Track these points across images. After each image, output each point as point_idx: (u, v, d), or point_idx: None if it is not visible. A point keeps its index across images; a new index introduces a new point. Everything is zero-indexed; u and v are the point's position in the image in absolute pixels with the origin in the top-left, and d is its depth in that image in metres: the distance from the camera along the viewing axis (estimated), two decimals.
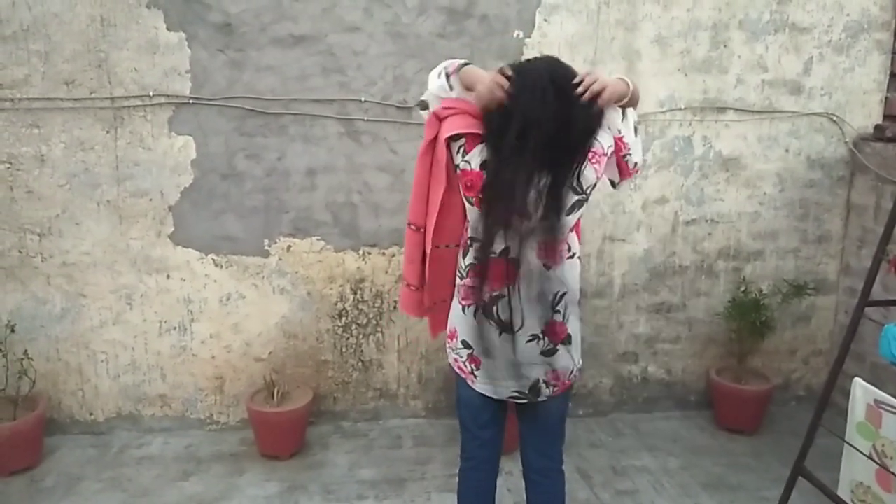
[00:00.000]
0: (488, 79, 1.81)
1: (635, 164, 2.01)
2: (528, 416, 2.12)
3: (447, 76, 1.94)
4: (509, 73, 1.80)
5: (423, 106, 2.03)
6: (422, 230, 2.05)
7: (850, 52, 3.57)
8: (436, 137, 1.92)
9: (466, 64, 1.93)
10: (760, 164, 3.64)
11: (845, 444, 2.39)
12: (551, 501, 2.18)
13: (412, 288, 2.15)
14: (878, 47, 3.58)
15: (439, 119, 1.92)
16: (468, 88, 1.89)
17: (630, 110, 1.97)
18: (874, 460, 2.26)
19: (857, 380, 2.37)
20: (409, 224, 2.08)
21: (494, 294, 1.93)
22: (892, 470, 2.19)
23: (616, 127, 1.94)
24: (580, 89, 1.77)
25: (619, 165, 1.99)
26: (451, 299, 2.09)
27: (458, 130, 1.87)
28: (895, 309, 3.05)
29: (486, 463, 2.21)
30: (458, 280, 2.04)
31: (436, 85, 1.96)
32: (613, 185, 2.11)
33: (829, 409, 2.44)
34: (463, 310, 2.01)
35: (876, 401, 2.27)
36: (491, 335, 1.97)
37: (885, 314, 3.03)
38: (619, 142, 1.95)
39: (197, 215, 3.36)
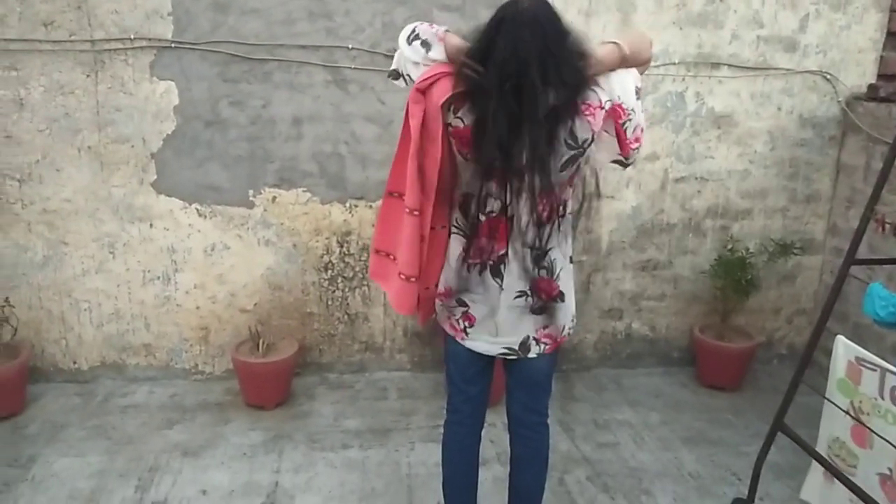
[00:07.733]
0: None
1: (640, 130, 1.87)
2: (516, 370, 2.12)
3: (423, 43, 1.83)
4: (478, 68, 1.73)
5: (395, 75, 1.94)
6: (420, 213, 1.91)
7: (847, 8, 3.51)
8: (425, 113, 1.82)
9: (446, 30, 1.84)
10: (752, 121, 3.60)
11: (825, 401, 2.42)
12: (536, 454, 2.20)
13: (412, 280, 1.95)
14: (875, 4, 3.52)
15: (422, 92, 1.82)
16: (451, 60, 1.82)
17: (632, 72, 1.85)
18: (851, 416, 2.30)
19: (840, 337, 2.39)
20: (412, 210, 1.88)
21: (501, 253, 1.91)
22: (867, 425, 2.22)
23: (618, 91, 1.80)
24: None
25: (617, 135, 1.85)
26: (437, 281, 2.03)
27: (450, 93, 1.78)
28: (880, 269, 3.07)
29: (471, 417, 2.23)
30: (454, 238, 1.99)
31: (409, 51, 1.85)
32: (623, 164, 1.97)
33: (811, 367, 2.45)
34: (468, 269, 1.96)
35: (857, 358, 2.29)
36: (493, 293, 1.95)
37: (870, 274, 3.05)
38: (617, 108, 1.81)
39: (180, 163, 3.30)
